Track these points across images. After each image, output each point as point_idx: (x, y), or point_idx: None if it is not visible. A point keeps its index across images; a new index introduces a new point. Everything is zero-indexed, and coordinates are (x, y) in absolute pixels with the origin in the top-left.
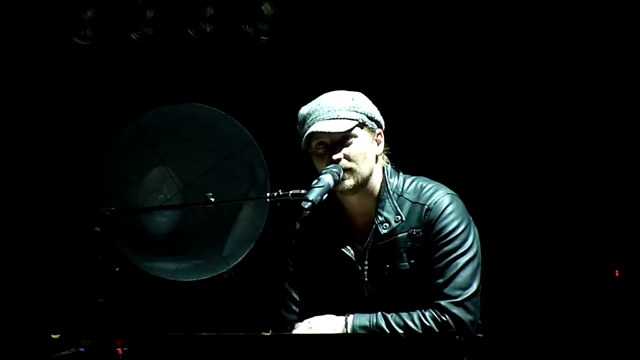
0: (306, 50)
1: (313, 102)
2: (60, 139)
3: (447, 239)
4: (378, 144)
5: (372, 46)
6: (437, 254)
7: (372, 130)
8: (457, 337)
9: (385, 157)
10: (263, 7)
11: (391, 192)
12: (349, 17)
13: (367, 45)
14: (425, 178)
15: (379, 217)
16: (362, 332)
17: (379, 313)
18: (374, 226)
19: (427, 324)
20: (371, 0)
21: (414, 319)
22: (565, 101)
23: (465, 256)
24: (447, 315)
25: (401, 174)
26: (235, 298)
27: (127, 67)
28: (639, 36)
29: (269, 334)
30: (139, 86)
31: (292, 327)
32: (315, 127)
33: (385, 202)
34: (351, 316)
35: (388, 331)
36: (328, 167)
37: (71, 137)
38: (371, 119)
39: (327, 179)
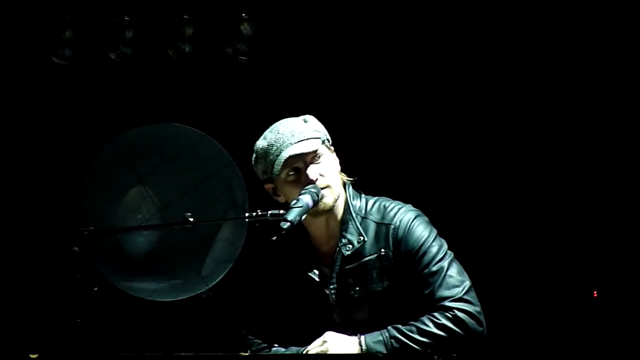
0: (285, 71)
1: (268, 134)
2: (38, 159)
3: (422, 250)
4: (335, 162)
5: (351, 65)
6: (419, 268)
7: (329, 148)
8: (434, 357)
9: (343, 175)
10: (242, 27)
11: (354, 214)
12: (327, 37)
13: (346, 64)
14: (386, 198)
15: (343, 240)
16: (379, 347)
17: (389, 326)
18: (337, 249)
19: (440, 321)
20: (349, 21)
21: (426, 322)
22: (540, 120)
23: (446, 258)
24: (455, 311)
25: (363, 195)
26: (213, 318)
27: (105, 86)
28: (617, 57)
29: (247, 354)
30: (117, 106)
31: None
32: (288, 152)
33: (348, 224)
34: (362, 336)
35: (404, 339)
36: (306, 187)
37: (50, 156)
38: (326, 137)
39: (306, 199)
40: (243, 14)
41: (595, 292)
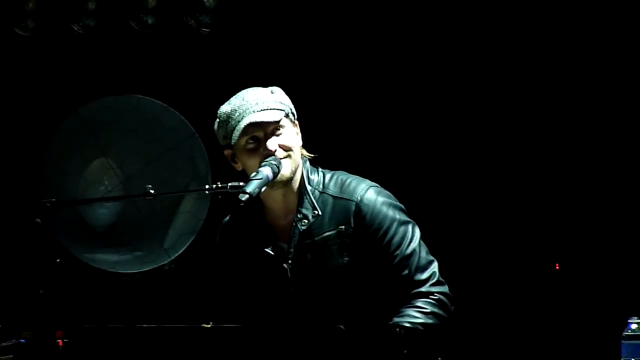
0: (247, 43)
1: (233, 99)
2: (0, 131)
3: (391, 232)
4: (297, 136)
5: (313, 38)
6: (390, 249)
7: (293, 122)
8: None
9: (304, 150)
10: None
11: (310, 189)
12: (290, 8)
13: (308, 37)
14: (343, 172)
15: (298, 215)
16: None
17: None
18: (294, 224)
19: (428, 309)
20: None
21: (414, 314)
22: (501, 95)
23: (415, 238)
24: (437, 294)
25: (320, 169)
26: (176, 290)
27: (68, 58)
28: (580, 29)
29: (209, 325)
30: (80, 77)
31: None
32: (249, 119)
33: (304, 198)
34: None
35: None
36: (267, 160)
37: (12, 128)
38: (291, 110)
39: (265, 171)
40: None
41: (557, 265)
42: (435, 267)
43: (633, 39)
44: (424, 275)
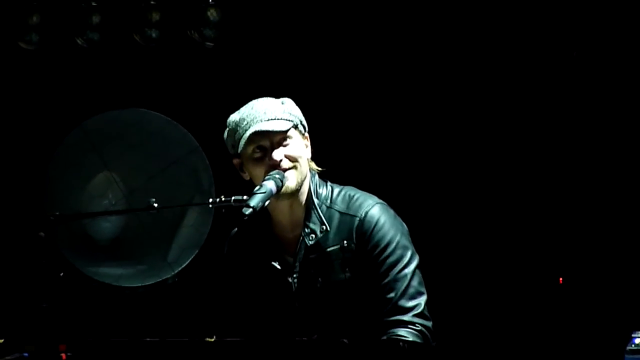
0: (251, 56)
1: (243, 108)
2: (4, 144)
3: (387, 251)
4: (306, 148)
5: (316, 52)
6: (383, 268)
7: (302, 134)
8: (400, 343)
9: (313, 163)
10: (209, 13)
11: (317, 203)
12: (293, 23)
13: (311, 51)
14: (352, 187)
15: (306, 229)
16: None
17: None
18: (301, 238)
19: (409, 339)
20: (315, 6)
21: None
22: (509, 111)
23: (410, 265)
24: (419, 326)
25: (329, 183)
26: (179, 304)
27: (72, 72)
28: (583, 44)
29: (213, 339)
30: (84, 91)
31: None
32: (256, 128)
33: (312, 212)
34: None
35: None
36: (271, 173)
37: (16, 141)
38: (301, 122)
39: (269, 185)
40: (210, 0)
41: (560, 279)
42: (423, 300)
43: (636, 54)
44: (409, 304)
